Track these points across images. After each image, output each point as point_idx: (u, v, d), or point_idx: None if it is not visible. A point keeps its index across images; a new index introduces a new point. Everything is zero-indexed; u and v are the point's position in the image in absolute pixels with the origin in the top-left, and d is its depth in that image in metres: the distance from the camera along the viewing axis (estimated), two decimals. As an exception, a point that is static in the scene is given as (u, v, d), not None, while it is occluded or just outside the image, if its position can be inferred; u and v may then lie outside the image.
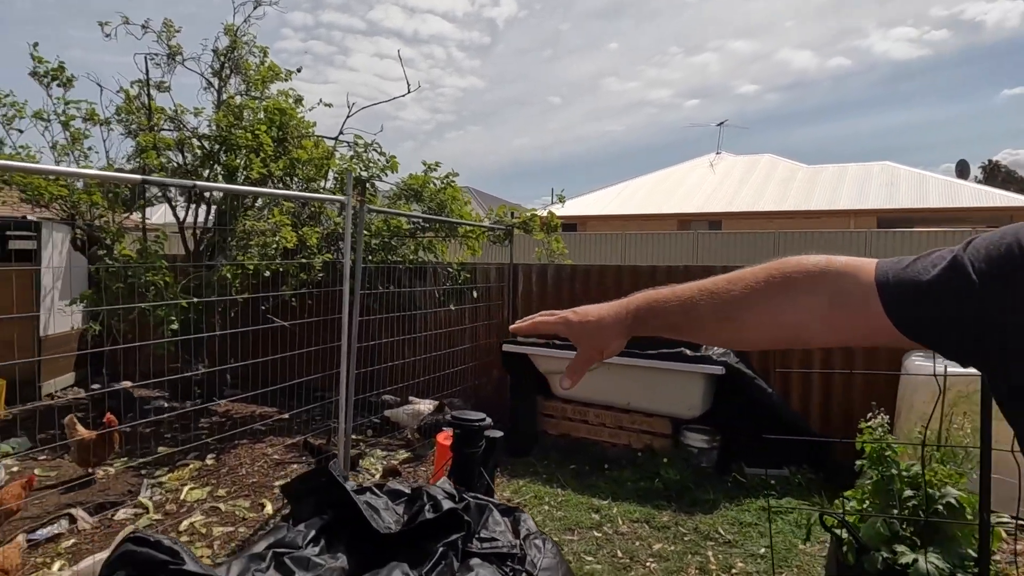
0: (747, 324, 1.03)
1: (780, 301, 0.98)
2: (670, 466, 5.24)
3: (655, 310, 1.16)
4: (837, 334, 0.96)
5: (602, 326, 1.23)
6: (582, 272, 6.77)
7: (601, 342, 1.23)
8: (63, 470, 5.33)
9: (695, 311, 1.09)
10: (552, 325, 1.30)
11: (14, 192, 6.87)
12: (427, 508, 2.34)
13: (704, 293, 1.09)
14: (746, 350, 5.23)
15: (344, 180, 6.94)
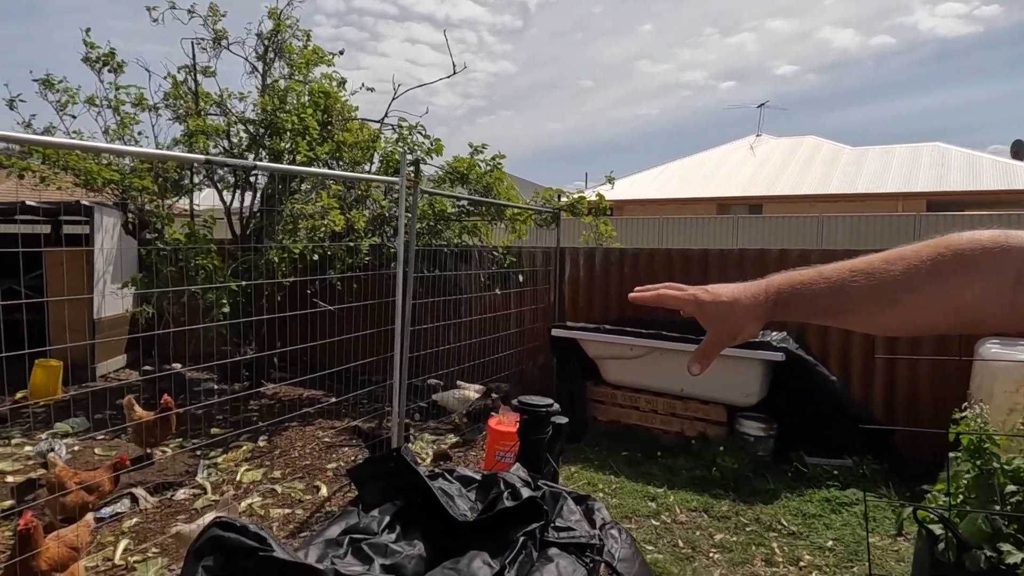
0: (915, 308, 0.92)
1: (956, 282, 0.88)
2: (726, 454, 5.10)
3: (801, 293, 1.05)
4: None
5: (736, 308, 1.11)
6: (631, 256, 6.63)
7: (735, 326, 1.12)
8: (121, 450, 5.42)
9: (847, 294, 0.98)
10: (679, 301, 1.19)
11: (68, 177, 6.97)
12: (505, 496, 2.27)
13: (858, 274, 0.98)
14: (908, 335, 4.99)
15: (398, 161, 6.92)
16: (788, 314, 1.07)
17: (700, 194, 21.51)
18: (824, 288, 1.01)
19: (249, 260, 6.43)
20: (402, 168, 4.39)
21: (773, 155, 23.30)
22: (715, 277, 6.05)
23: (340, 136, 6.91)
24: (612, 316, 6.64)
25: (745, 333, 1.12)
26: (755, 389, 5.32)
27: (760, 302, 1.08)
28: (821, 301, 1.01)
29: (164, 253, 6.38)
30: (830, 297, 1.00)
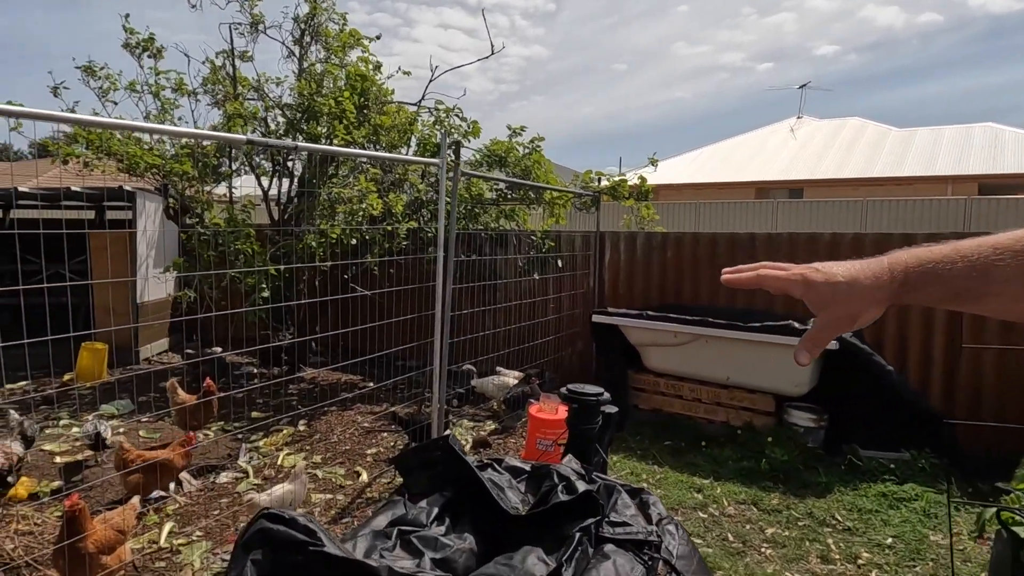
0: None
1: None
2: (775, 446, 4.94)
3: (935, 273, 0.91)
4: None
5: (855, 289, 0.97)
6: (674, 240, 6.44)
7: (854, 307, 0.98)
8: (165, 432, 5.48)
9: (992, 274, 0.84)
10: (784, 282, 1.05)
11: (111, 162, 7.04)
12: (560, 489, 2.17)
13: (1004, 252, 0.84)
14: None
15: (435, 144, 6.82)
16: (916, 296, 0.93)
17: (738, 178, 21.02)
18: (963, 268, 0.88)
19: (287, 245, 6.42)
20: (442, 149, 4.29)
21: (815, 137, 22.62)
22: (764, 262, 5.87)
23: (377, 119, 6.83)
24: (654, 302, 6.47)
25: (866, 317, 0.99)
26: (806, 378, 5.12)
27: (884, 282, 0.94)
28: (959, 282, 0.88)
29: (205, 238, 6.41)
30: (970, 278, 0.86)
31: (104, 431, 4.87)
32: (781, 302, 5.91)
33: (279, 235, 6.74)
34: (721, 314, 5.68)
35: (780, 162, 21.27)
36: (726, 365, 5.43)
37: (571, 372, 6.98)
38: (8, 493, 4.06)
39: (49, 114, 2.67)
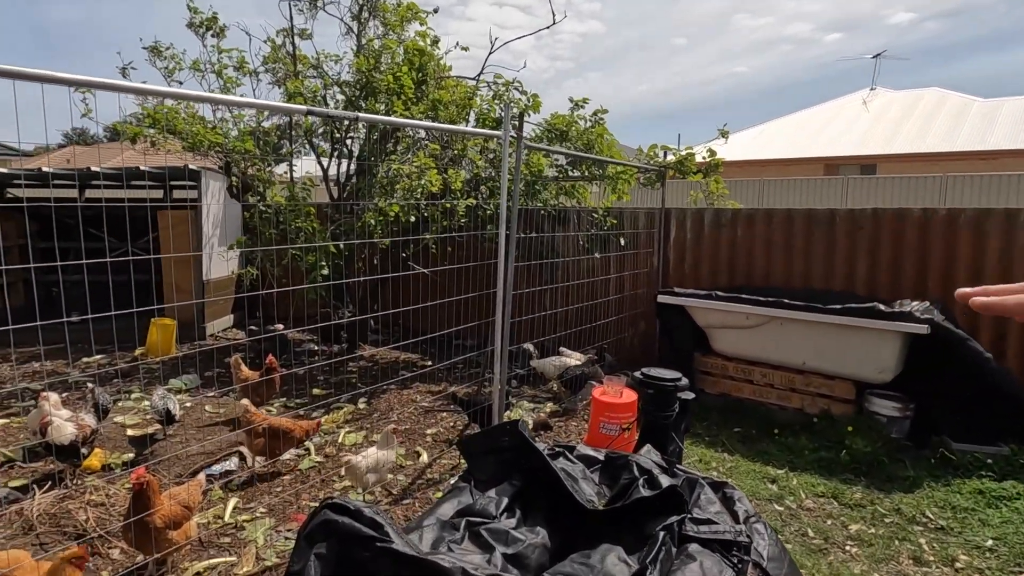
0: None
1: None
2: (856, 435, 4.63)
3: None
4: None
5: None
6: (745, 217, 6.10)
7: None
8: (229, 408, 5.56)
9: None
10: None
11: (176, 143, 7.16)
12: (641, 483, 2.01)
13: None
14: None
15: (494, 119, 6.66)
16: None
17: (805, 154, 20.06)
18: None
19: (347, 223, 6.40)
20: (505, 121, 4.12)
21: (889, 110, 21.34)
22: (843, 241, 5.45)
23: (435, 94, 6.70)
24: (722, 283, 6.17)
25: None
26: (891, 364, 4.77)
27: None
28: None
29: (266, 215, 6.44)
30: None
31: (173, 407, 4.96)
32: (862, 283, 5.54)
33: (338, 213, 6.72)
34: (796, 295, 5.36)
35: (851, 136, 20.19)
36: (802, 349, 5.11)
37: (633, 354, 6.76)
38: (82, 464, 4.16)
39: (125, 85, 2.62)
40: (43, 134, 2.73)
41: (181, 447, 4.65)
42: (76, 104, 6.97)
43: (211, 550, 3.36)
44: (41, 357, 6.67)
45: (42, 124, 2.53)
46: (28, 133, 2.66)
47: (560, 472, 2.10)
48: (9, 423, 5.09)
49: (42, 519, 3.52)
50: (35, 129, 2.57)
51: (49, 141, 26.46)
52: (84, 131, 34.04)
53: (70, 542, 3.31)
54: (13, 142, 15.95)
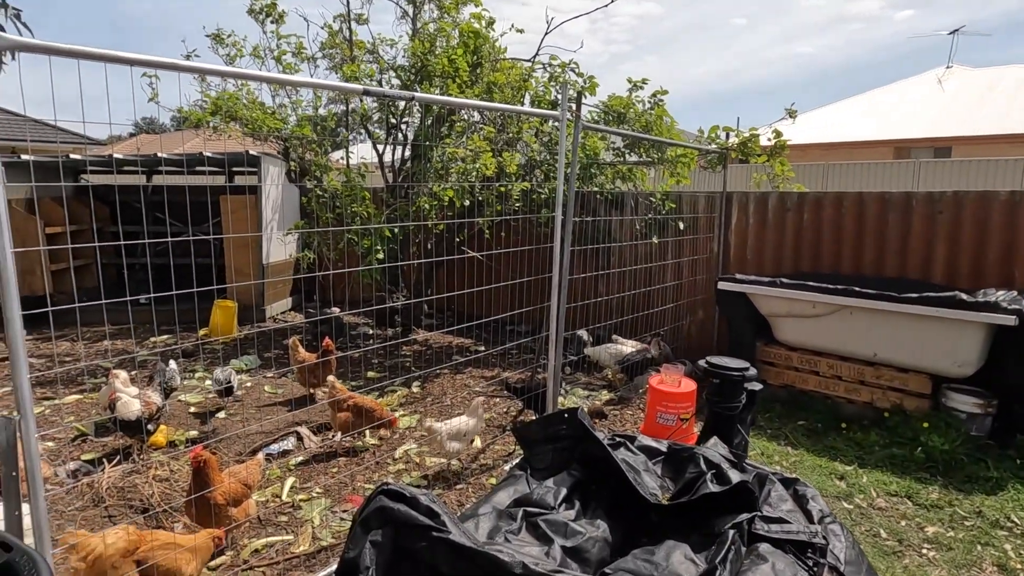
0: None
1: None
2: (932, 432, 4.37)
3: None
4: None
5: None
6: (812, 201, 5.82)
7: None
8: (287, 388, 5.66)
9: None
10: None
11: (237, 129, 7.30)
12: (709, 478, 1.90)
13: None
14: None
15: (550, 101, 6.54)
16: None
17: (873, 136, 19.15)
18: None
19: (401, 207, 6.41)
20: (562, 101, 4.00)
21: (967, 89, 20.12)
22: (920, 226, 5.13)
23: (490, 77, 6.61)
24: (786, 269, 5.91)
25: None
26: (972, 358, 4.47)
27: None
28: None
29: (323, 200, 6.52)
30: None
31: (233, 380, 5.09)
32: (940, 271, 5.22)
33: (393, 198, 6.74)
34: (867, 283, 5.08)
35: (924, 118, 19.14)
36: (873, 340, 4.85)
37: (690, 343, 6.57)
38: (148, 440, 4.30)
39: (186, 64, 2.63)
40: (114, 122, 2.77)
41: (241, 426, 4.76)
42: (143, 89, 7.19)
43: (269, 528, 3.42)
44: (107, 336, 6.95)
45: (114, 112, 2.56)
46: (99, 120, 2.70)
47: (622, 463, 2.01)
48: (82, 399, 5.31)
49: (111, 492, 3.64)
50: (107, 116, 2.61)
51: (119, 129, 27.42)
52: (153, 120, 35.36)
53: (136, 515, 3.42)
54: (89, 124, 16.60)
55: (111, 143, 19.95)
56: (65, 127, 18.35)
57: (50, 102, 2.34)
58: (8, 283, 1.91)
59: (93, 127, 34.95)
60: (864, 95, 23.03)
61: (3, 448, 1.94)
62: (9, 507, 1.98)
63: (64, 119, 12.44)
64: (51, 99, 2.35)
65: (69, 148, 15.11)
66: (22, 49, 1.87)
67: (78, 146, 19.89)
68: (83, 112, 2.53)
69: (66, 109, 2.50)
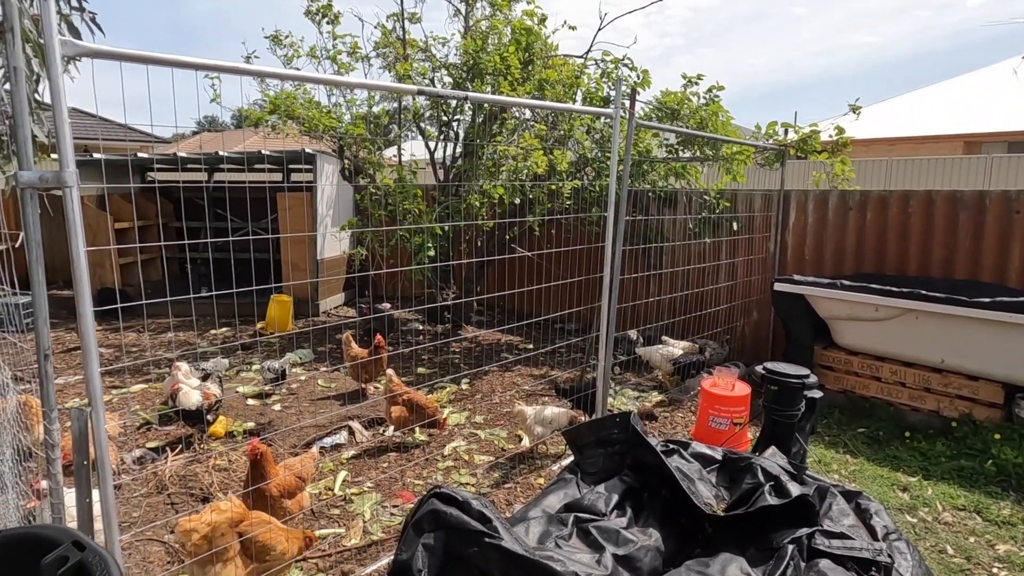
0: None
1: None
2: (1004, 444, 4.15)
3: None
4: None
5: None
6: (876, 200, 5.59)
7: None
8: (339, 383, 5.78)
9: None
10: None
11: (294, 127, 7.48)
12: (768, 490, 1.84)
13: None
14: None
15: (601, 99, 6.48)
16: None
17: (941, 131, 18.29)
18: None
19: (453, 204, 6.44)
20: (616, 98, 3.94)
21: (1047, 80, 18.98)
22: (995, 228, 4.89)
23: (542, 74, 6.58)
24: (847, 271, 5.70)
25: None
26: (1050, 367, 4.22)
27: None
28: None
29: (376, 197, 6.62)
30: None
31: (286, 368, 5.25)
32: (1017, 274, 4.94)
33: (444, 195, 6.79)
34: (936, 286, 4.85)
35: (998, 110, 18.18)
36: (941, 345, 4.63)
37: (744, 345, 6.42)
38: (208, 430, 4.45)
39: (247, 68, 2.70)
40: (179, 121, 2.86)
41: (296, 419, 4.87)
42: (206, 90, 7.43)
43: (321, 520, 3.49)
44: (171, 328, 7.23)
45: (178, 112, 2.64)
46: (164, 120, 2.79)
47: (675, 471, 1.97)
48: (147, 388, 5.53)
49: (173, 480, 3.79)
50: (173, 116, 2.70)
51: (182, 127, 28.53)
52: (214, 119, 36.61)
53: (197, 503, 3.54)
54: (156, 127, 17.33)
55: (176, 141, 20.75)
56: (133, 126, 19.15)
57: (119, 102, 2.42)
58: (81, 280, 1.99)
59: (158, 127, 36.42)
60: (932, 87, 22.04)
61: (76, 438, 2.03)
62: (80, 494, 2.08)
63: (132, 119, 12.99)
64: (121, 100, 2.43)
65: (137, 147, 15.78)
66: (96, 56, 1.95)
67: (145, 144, 20.77)
68: (151, 114, 2.61)
69: (134, 109, 2.58)
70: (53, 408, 2.04)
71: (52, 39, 1.85)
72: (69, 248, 1.96)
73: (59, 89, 1.88)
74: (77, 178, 1.95)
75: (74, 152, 1.94)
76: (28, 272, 1.95)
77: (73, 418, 2.04)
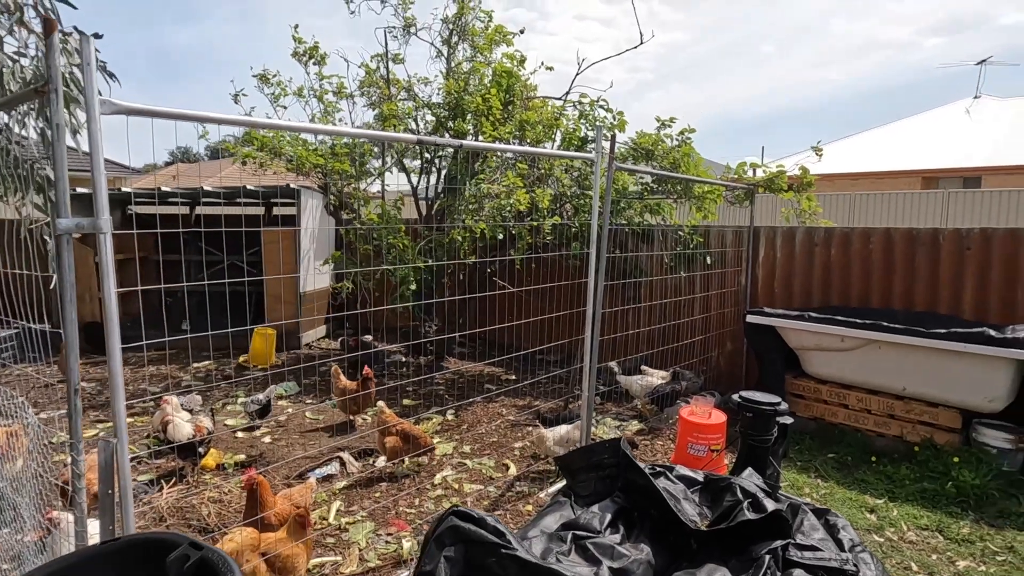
0: None
1: None
2: (963, 467, 4.41)
3: None
4: None
5: None
6: (840, 236, 5.93)
7: None
8: (327, 415, 5.87)
9: None
10: None
11: (281, 163, 7.66)
12: (746, 506, 2.04)
13: None
14: None
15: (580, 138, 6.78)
16: None
17: (901, 166, 19.13)
18: None
19: (436, 239, 6.65)
20: (597, 142, 4.21)
21: (998, 119, 20.08)
22: (948, 262, 5.22)
23: (523, 115, 6.88)
24: (814, 303, 6.01)
25: None
26: (1002, 393, 4.53)
27: None
28: None
29: (361, 232, 6.79)
30: None
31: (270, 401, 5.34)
32: (970, 306, 5.28)
33: (428, 229, 6.99)
34: (896, 318, 5.17)
35: (953, 148, 19.11)
36: (903, 374, 4.92)
37: (719, 374, 6.67)
38: (199, 463, 4.52)
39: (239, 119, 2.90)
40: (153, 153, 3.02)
41: (286, 450, 4.96)
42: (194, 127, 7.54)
43: (318, 549, 3.58)
44: (144, 362, 7.24)
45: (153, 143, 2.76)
46: (139, 151, 2.93)
47: (663, 491, 2.16)
48: (133, 422, 5.56)
49: (171, 511, 3.85)
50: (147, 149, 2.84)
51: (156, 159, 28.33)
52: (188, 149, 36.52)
53: (195, 535, 3.61)
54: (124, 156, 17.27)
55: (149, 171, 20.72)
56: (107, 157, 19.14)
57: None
58: (112, 319, 2.14)
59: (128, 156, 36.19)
60: (892, 124, 23.07)
61: (102, 468, 2.16)
62: (104, 522, 2.19)
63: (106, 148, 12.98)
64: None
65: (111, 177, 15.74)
66: (132, 113, 2.12)
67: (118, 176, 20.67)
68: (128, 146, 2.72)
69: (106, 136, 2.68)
70: (80, 440, 2.16)
71: (93, 99, 2.03)
72: (102, 289, 2.11)
73: (98, 144, 2.05)
74: (111, 226, 2.11)
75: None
76: (61, 312, 2.09)
77: (100, 449, 2.16)
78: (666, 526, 2.11)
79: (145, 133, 2.84)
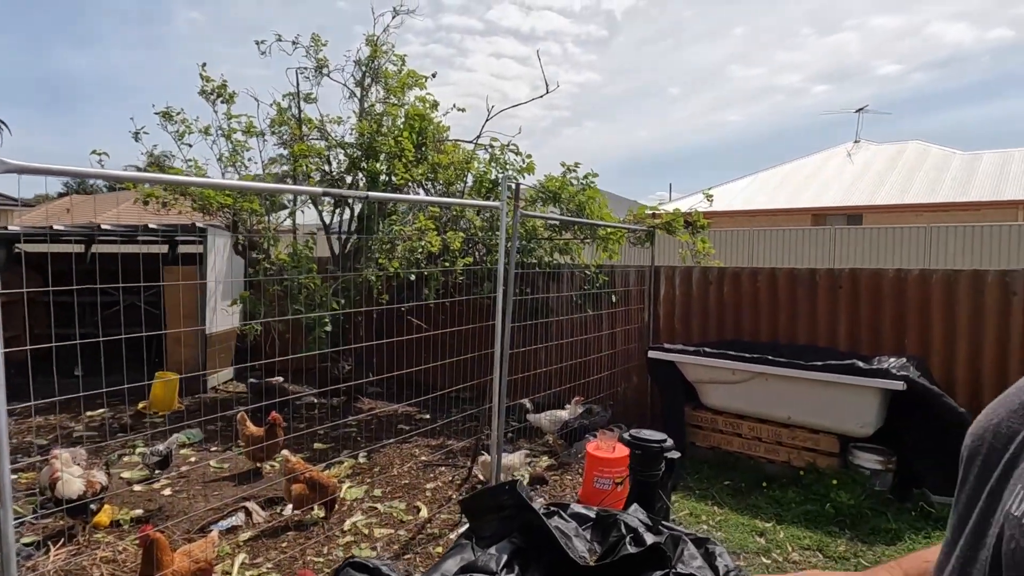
0: None
1: None
2: (840, 488, 4.80)
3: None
4: None
5: None
6: (731, 275, 6.39)
7: None
8: (232, 463, 5.69)
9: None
10: None
11: (187, 202, 7.46)
12: (628, 541, 2.20)
13: None
14: None
15: (491, 181, 7.00)
16: None
17: (793, 204, 20.64)
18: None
19: (347, 280, 6.65)
20: (503, 192, 4.41)
21: (874, 162, 22.07)
22: (824, 299, 5.71)
23: (435, 158, 7.05)
24: (711, 338, 6.41)
25: None
26: (871, 419, 4.98)
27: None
28: None
29: (270, 273, 6.69)
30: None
31: (171, 452, 5.14)
32: (844, 340, 5.79)
33: (340, 269, 6.98)
34: (782, 351, 5.59)
35: (837, 188, 20.82)
36: (787, 404, 5.32)
37: (627, 407, 6.94)
38: (91, 520, 4.29)
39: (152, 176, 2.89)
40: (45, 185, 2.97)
41: (187, 503, 4.78)
42: (91, 160, 7.23)
43: (219, 606, 3.48)
44: (32, 412, 6.80)
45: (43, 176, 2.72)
46: (30, 183, 2.86)
47: (555, 530, 2.29)
48: (17, 479, 5.20)
49: (58, 575, 3.64)
50: (37, 180, 2.78)
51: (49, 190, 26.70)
52: (83, 180, 34.51)
53: (84, 599, 3.43)
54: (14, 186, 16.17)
55: (40, 202, 19.48)
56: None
57: None
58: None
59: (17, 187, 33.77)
60: (785, 165, 24.86)
61: (-19, 537, 2.07)
62: (-17, 594, 2.10)
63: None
64: None
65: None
66: (28, 172, 2.11)
67: (5, 208, 19.30)
68: (18, 182, 2.71)
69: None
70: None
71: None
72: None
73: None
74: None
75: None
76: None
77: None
78: (558, 564, 2.24)
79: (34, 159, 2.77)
